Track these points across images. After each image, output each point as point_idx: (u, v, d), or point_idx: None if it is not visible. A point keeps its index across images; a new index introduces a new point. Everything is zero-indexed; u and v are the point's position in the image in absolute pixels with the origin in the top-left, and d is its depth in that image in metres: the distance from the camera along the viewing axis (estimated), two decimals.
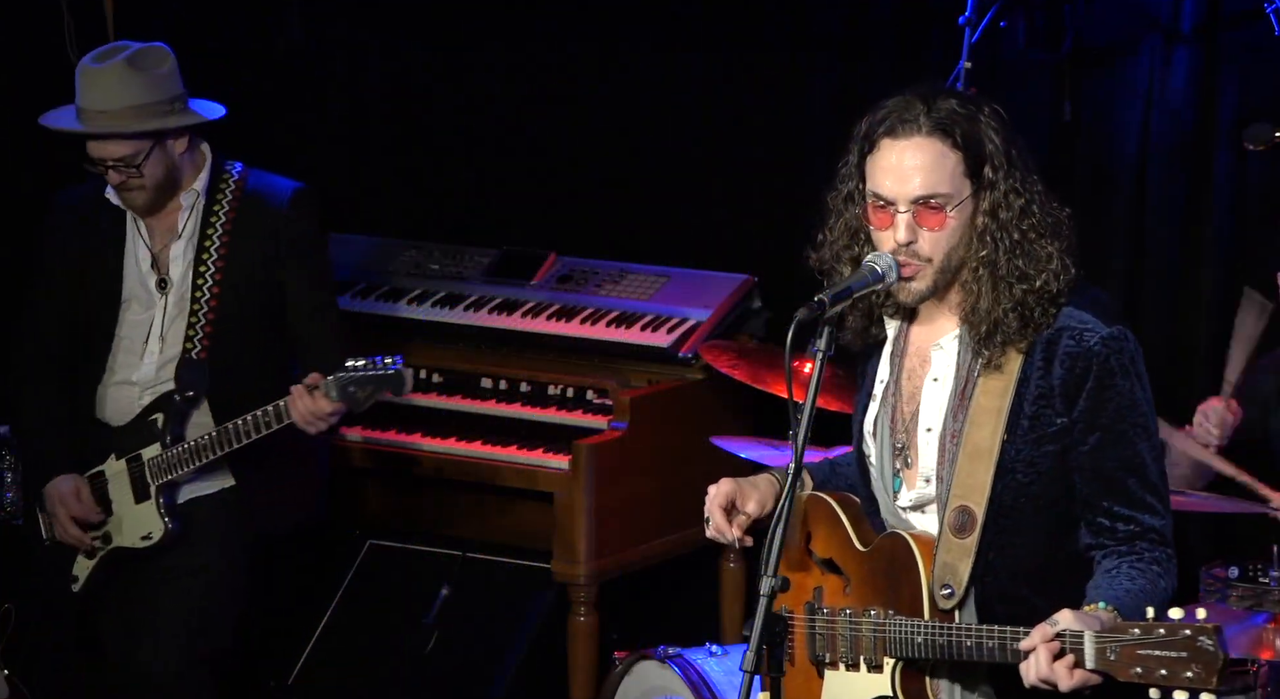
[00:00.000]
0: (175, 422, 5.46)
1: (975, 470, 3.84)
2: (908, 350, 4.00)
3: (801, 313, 3.80)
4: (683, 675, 5.24)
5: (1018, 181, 3.86)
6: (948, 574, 3.85)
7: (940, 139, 3.84)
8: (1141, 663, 3.49)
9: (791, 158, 6.67)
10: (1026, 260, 3.84)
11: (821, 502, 4.10)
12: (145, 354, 5.49)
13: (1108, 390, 3.80)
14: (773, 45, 6.66)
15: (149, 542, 5.48)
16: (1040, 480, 3.84)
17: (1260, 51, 5.83)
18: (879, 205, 3.88)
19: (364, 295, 6.80)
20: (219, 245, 5.50)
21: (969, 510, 3.84)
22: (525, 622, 6.31)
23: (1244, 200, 6.02)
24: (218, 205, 5.53)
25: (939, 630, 3.81)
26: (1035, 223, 3.86)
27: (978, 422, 3.85)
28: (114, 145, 5.40)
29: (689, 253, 6.75)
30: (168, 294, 5.50)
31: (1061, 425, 3.82)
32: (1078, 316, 3.83)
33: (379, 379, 5.23)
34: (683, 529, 6.39)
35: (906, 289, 3.89)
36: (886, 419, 4.01)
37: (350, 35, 7.30)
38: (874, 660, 3.92)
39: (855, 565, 4.01)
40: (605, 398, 6.33)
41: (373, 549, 6.63)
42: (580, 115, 7.01)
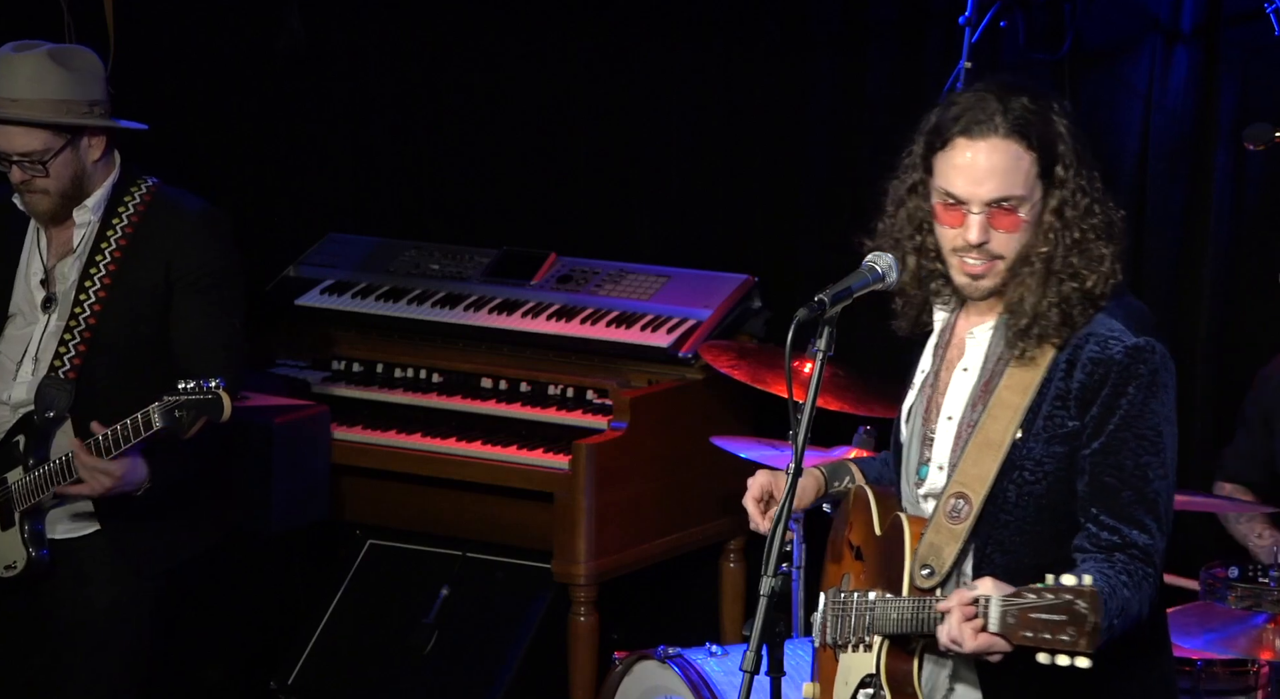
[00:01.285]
0: (38, 443, 5.11)
1: (981, 460, 3.84)
2: (951, 341, 4.01)
3: (801, 313, 3.81)
4: (683, 675, 5.23)
5: (1084, 180, 3.86)
6: (931, 555, 3.85)
7: (1017, 141, 3.82)
8: (1031, 626, 3.53)
9: (791, 158, 6.67)
10: (1081, 259, 3.84)
11: (861, 491, 4.14)
12: (19, 373, 5.18)
13: (1120, 398, 3.79)
14: (773, 45, 6.66)
15: (12, 572, 5.10)
16: (1045, 481, 3.83)
17: (1260, 51, 5.83)
18: (950, 204, 3.86)
19: (364, 295, 6.80)
20: (109, 261, 5.15)
21: (966, 498, 3.84)
22: (525, 622, 6.31)
23: (1244, 200, 6.02)
24: (117, 220, 5.18)
25: (906, 605, 3.83)
26: (1096, 223, 3.86)
27: (995, 414, 3.85)
28: (22, 137, 5.05)
29: (689, 253, 6.76)
30: (51, 313, 5.18)
31: (1072, 428, 3.81)
32: (1107, 324, 3.83)
33: (200, 403, 4.84)
34: (683, 529, 6.39)
35: (976, 287, 3.89)
36: (921, 408, 4.01)
37: (350, 35, 7.30)
38: (867, 640, 3.95)
39: (872, 549, 4.04)
40: (605, 398, 6.33)
41: (373, 549, 6.63)
42: (580, 115, 7.01)
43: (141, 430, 4.91)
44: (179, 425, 4.87)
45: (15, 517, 5.15)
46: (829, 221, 6.60)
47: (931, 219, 3.92)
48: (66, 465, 5.03)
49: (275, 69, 7.23)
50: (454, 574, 6.44)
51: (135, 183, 5.25)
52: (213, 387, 4.85)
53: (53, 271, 5.22)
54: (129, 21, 6.92)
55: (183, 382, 4.87)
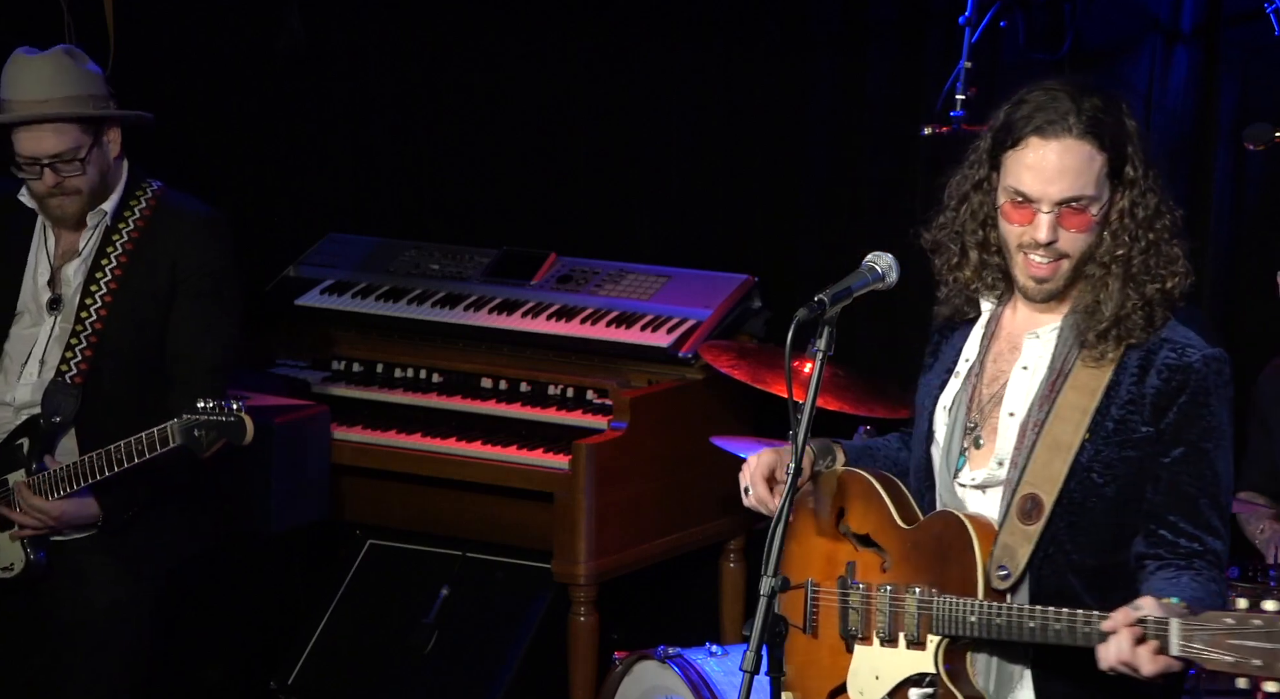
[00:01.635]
0: (42, 447, 5.15)
1: (1052, 461, 3.85)
2: (999, 334, 4.02)
3: (801, 313, 3.81)
4: (683, 675, 5.23)
5: (1152, 180, 3.90)
6: (1006, 556, 3.86)
7: (1091, 142, 3.85)
8: (1234, 651, 3.50)
9: (791, 158, 6.67)
10: (1159, 260, 3.87)
11: (859, 478, 4.12)
12: (23, 374, 5.21)
13: (1200, 408, 3.83)
14: (773, 45, 6.66)
15: (9, 573, 5.17)
16: (1115, 484, 3.85)
17: (1260, 51, 5.83)
18: (1019, 202, 3.88)
19: (364, 295, 6.80)
20: (115, 265, 5.20)
21: (1038, 499, 3.85)
22: (525, 622, 6.31)
23: (1244, 200, 6.02)
24: (123, 224, 5.23)
25: (996, 611, 3.81)
26: (1167, 223, 3.90)
27: (1063, 415, 3.86)
28: (54, 137, 5.10)
29: (689, 253, 6.75)
30: (57, 314, 5.22)
31: (1146, 434, 3.84)
32: (1181, 331, 3.87)
33: (222, 425, 4.87)
34: (683, 529, 6.39)
35: (1040, 289, 3.92)
36: (965, 398, 4.02)
37: (350, 35, 7.30)
38: (915, 637, 3.93)
39: (896, 542, 4.02)
40: (605, 398, 6.33)
41: (373, 549, 6.63)
42: (581, 115, 7.01)
43: (158, 446, 4.95)
44: (198, 445, 4.91)
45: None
46: (829, 221, 6.60)
47: (996, 214, 3.94)
48: (72, 472, 5.05)
49: (275, 69, 7.23)
50: (454, 574, 6.44)
51: (140, 186, 5.28)
52: (234, 408, 4.88)
53: (58, 273, 5.24)
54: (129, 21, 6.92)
55: (201, 400, 4.90)
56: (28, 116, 5.10)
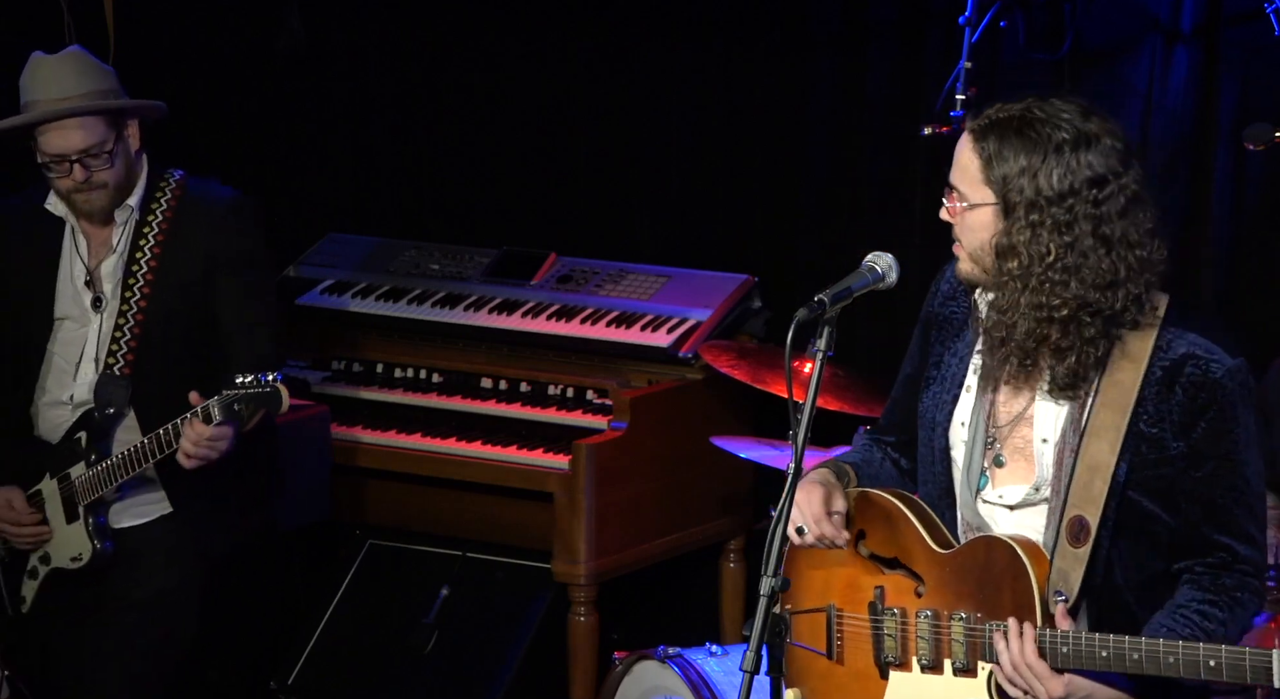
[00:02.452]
0: (98, 439, 5.28)
1: (1092, 483, 3.84)
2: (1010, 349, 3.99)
3: (801, 313, 3.81)
4: (683, 675, 5.23)
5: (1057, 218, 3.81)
6: (1061, 581, 3.84)
7: (974, 142, 3.89)
8: None
9: (791, 158, 6.67)
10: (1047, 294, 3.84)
11: (879, 499, 4.07)
12: (79, 374, 5.33)
13: (1227, 421, 3.82)
14: (773, 45, 6.66)
15: (79, 563, 5.32)
16: (1151, 499, 3.85)
17: (1260, 51, 5.82)
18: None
19: (364, 295, 6.80)
20: (150, 257, 5.31)
21: (1084, 521, 3.84)
22: (525, 622, 6.31)
23: (1244, 200, 6.01)
24: (152, 216, 5.34)
25: (1061, 639, 3.77)
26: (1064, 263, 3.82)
27: (1097, 434, 3.85)
28: (80, 134, 5.18)
29: (689, 253, 6.75)
30: (102, 312, 5.33)
31: (1178, 450, 3.83)
32: (1203, 344, 3.85)
33: (257, 397, 5.00)
34: (683, 529, 6.39)
35: (956, 268, 3.99)
36: (982, 413, 4.00)
37: (350, 35, 7.30)
38: (965, 664, 3.90)
39: (933, 567, 3.97)
40: (605, 398, 6.32)
41: (373, 549, 6.63)
42: (580, 115, 7.01)
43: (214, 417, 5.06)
44: (239, 418, 5.04)
45: (79, 510, 5.32)
46: (829, 221, 6.60)
47: None
48: (132, 458, 5.16)
49: (275, 69, 7.23)
50: (454, 574, 6.44)
51: (163, 177, 5.40)
52: (269, 380, 5.01)
53: (96, 272, 5.35)
54: (129, 21, 6.92)
55: (239, 375, 5.03)
56: (54, 113, 5.19)
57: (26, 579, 5.43)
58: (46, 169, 5.26)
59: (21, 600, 5.44)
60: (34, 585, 5.41)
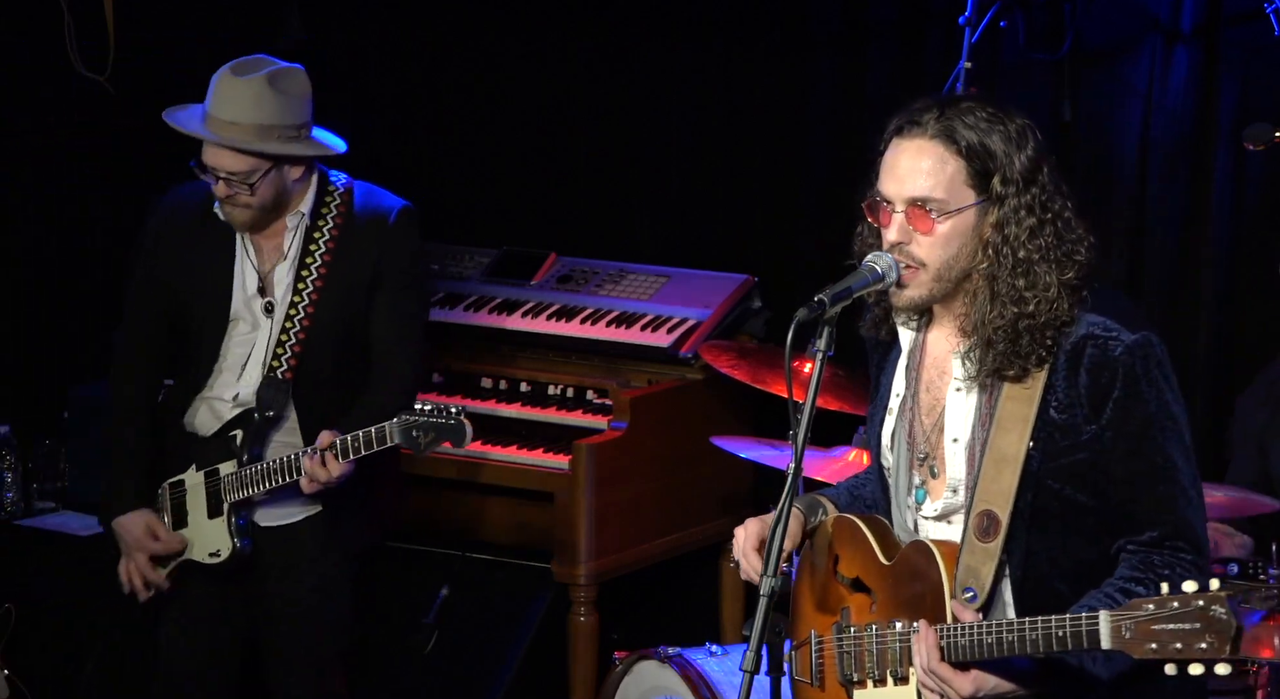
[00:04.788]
0: (253, 440, 5.30)
1: (1000, 476, 3.82)
2: (924, 362, 3.98)
3: (801, 313, 3.80)
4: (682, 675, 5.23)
5: (1035, 201, 3.82)
6: (970, 577, 3.83)
7: (944, 144, 3.82)
8: (1155, 638, 3.47)
9: (791, 158, 6.67)
10: (1027, 281, 3.80)
11: (847, 523, 4.06)
12: (244, 375, 5.34)
13: (1134, 398, 3.78)
14: (773, 45, 6.66)
15: (216, 559, 5.34)
16: (1071, 486, 3.82)
17: (1260, 51, 5.83)
18: (878, 202, 3.88)
19: None
20: (320, 264, 5.33)
21: (993, 515, 3.81)
22: (525, 622, 6.31)
23: (1244, 200, 6.02)
24: (322, 222, 5.36)
25: (960, 631, 3.76)
26: (1044, 246, 3.82)
27: (1004, 427, 3.83)
28: (231, 158, 5.21)
29: (689, 253, 6.75)
30: (274, 317, 5.35)
31: (1091, 433, 3.80)
32: (1101, 323, 3.81)
33: (441, 427, 5.06)
34: (683, 529, 6.39)
35: (900, 295, 3.88)
36: (904, 432, 3.99)
37: (350, 35, 7.30)
38: (901, 672, 3.89)
39: (880, 580, 3.97)
40: (605, 398, 6.33)
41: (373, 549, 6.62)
42: (580, 115, 7.01)
43: (375, 444, 5.12)
44: (416, 445, 5.08)
45: (224, 507, 5.34)
46: (829, 221, 6.59)
47: None
48: (288, 466, 5.20)
49: None
50: (454, 574, 6.44)
51: (330, 182, 5.42)
52: (454, 412, 5.07)
53: (268, 278, 5.37)
54: (129, 21, 6.92)
55: (421, 402, 5.10)
56: (210, 137, 5.21)
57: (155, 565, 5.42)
58: (201, 170, 5.27)
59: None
60: (163, 572, 5.40)
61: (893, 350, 4.06)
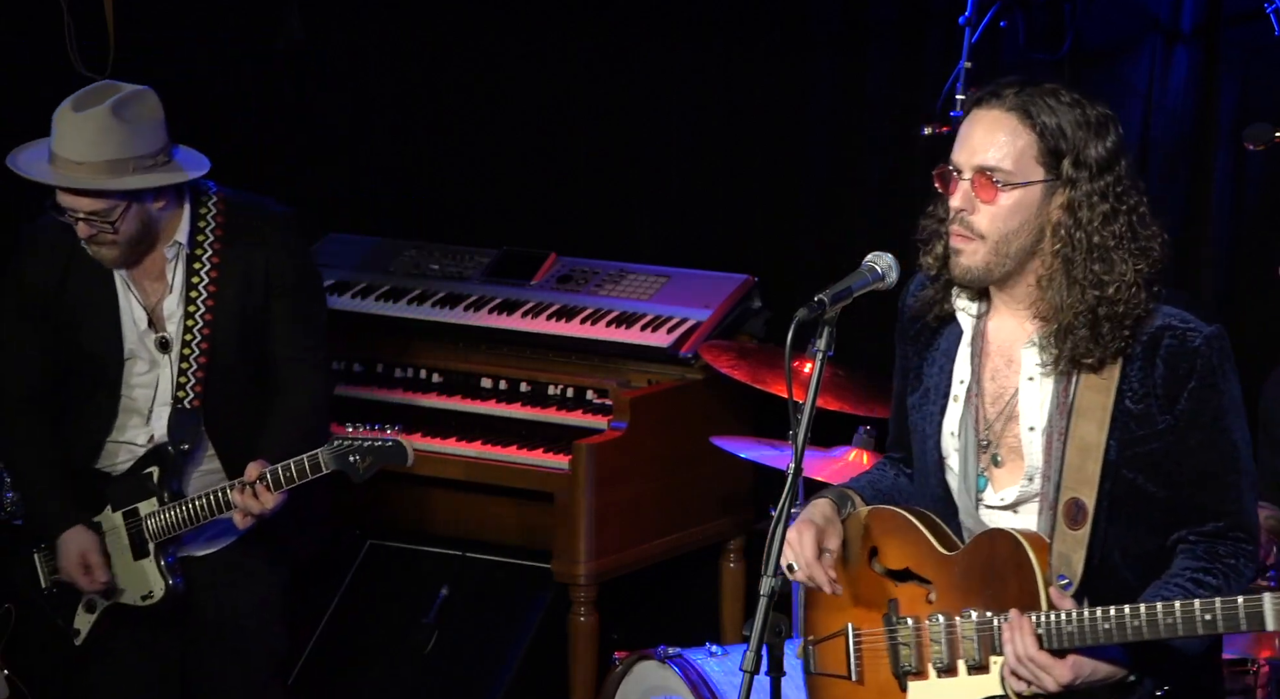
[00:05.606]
0: (171, 477, 5.16)
1: (1084, 465, 3.85)
2: (987, 350, 3.99)
3: (801, 313, 3.81)
4: (683, 675, 5.23)
5: (1108, 189, 3.85)
6: (1063, 565, 3.85)
7: (1019, 118, 3.85)
8: None
9: (791, 158, 6.67)
10: (1103, 266, 3.83)
11: (889, 514, 4.06)
12: (153, 416, 5.19)
13: (1209, 390, 3.83)
14: (773, 45, 6.66)
15: (150, 600, 5.19)
16: (1143, 475, 3.86)
17: (1260, 51, 5.83)
18: (948, 170, 3.91)
19: (364, 295, 6.80)
20: (207, 282, 5.14)
21: (1080, 503, 3.85)
22: (525, 622, 6.31)
23: (1244, 200, 6.02)
24: (200, 250, 5.15)
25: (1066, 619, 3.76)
26: (1118, 233, 3.85)
27: (1085, 416, 3.86)
28: (86, 200, 4.96)
29: (689, 253, 6.75)
30: (170, 354, 5.17)
31: (1166, 423, 3.84)
32: (1178, 315, 3.85)
33: (380, 451, 4.93)
34: (683, 529, 6.39)
35: (956, 263, 3.90)
36: (970, 420, 4.00)
37: (350, 35, 7.30)
38: (978, 661, 3.89)
39: (941, 571, 3.97)
40: (605, 398, 6.33)
41: (373, 549, 6.63)
42: (580, 115, 7.01)
43: (309, 473, 5.00)
44: (354, 470, 4.96)
45: (150, 548, 5.19)
46: (829, 221, 6.60)
47: None
48: (216, 502, 5.06)
49: (275, 69, 7.23)
50: (454, 574, 6.44)
51: (202, 202, 5.19)
52: (391, 434, 4.95)
53: (156, 312, 5.18)
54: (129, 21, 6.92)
55: (351, 425, 4.96)
56: (61, 183, 4.98)
57: (81, 612, 5.28)
58: (59, 212, 5.06)
59: (76, 632, 5.29)
60: (90, 619, 5.26)
61: (938, 340, 4.07)
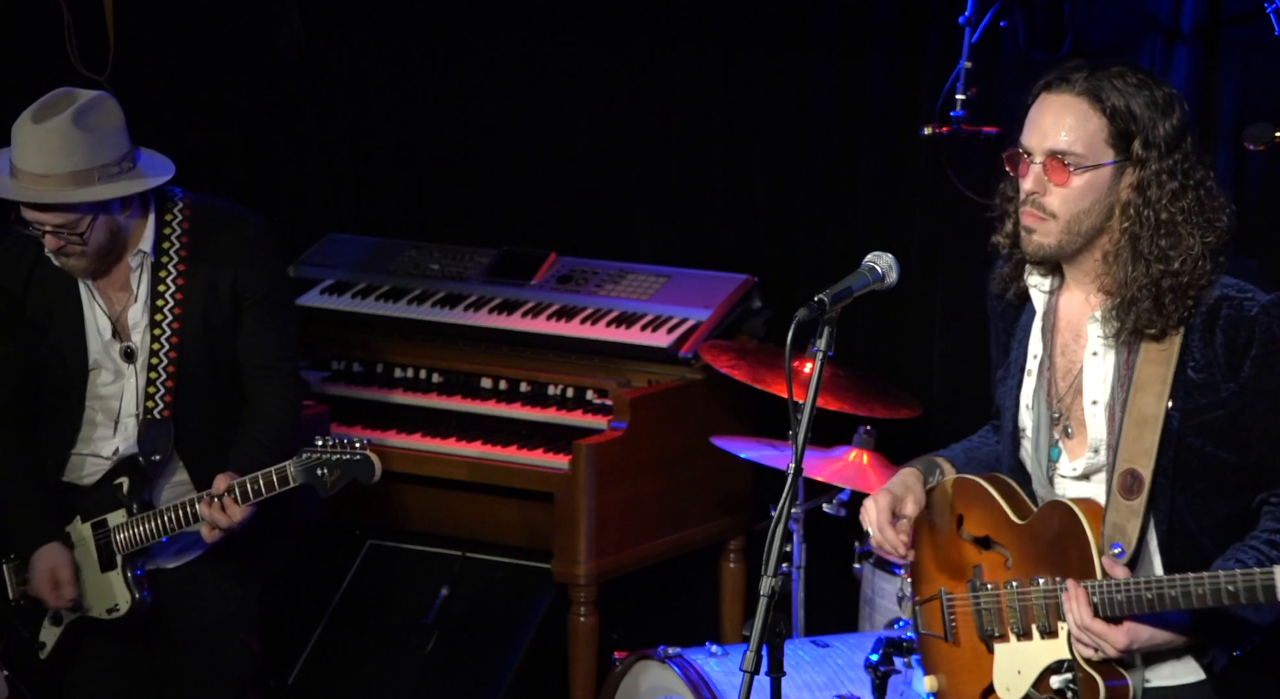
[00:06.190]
0: (141, 488, 5.09)
1: (1142, 436, 3.89)
2: (1058, 325, 4.05)
3: (801, 313, 3.83)
4: (683, 675, 5.23)
5: (1177, 166, 3.89)
6: (1117, 534, 3.90)
7: (1089, 102, 3.89)
8: None
9: (791, 158, 6.67)
10: (1170, 241, 3.88)
11: (970, 483, 4.16)
12: (118, 428, 5.12)
13: (1272, 356, 3.86)
14: (773, 45, 6.66)
15: (115, 614, 5.11)
16: (1212, 443, 3.89)
17: (1260, 51, 5.82)
18: (1019, 153, 3.96)
19: (364, 295, 6.80)
20: (174, 290, 5.06)
21: (1136, 474, 3.89)
22: (525, 622, 6.31)
23: (1244, 200, 6.01)
24: (166, 257, 5.07)
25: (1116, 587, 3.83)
26: (1186, 209, 3.90)
27: (1143, 387, 3.90)
28: (54, 214, 4.87)
29: (689, 253, 6.75)
30: (135, 363, 5.08)
31: (1231, 391, 3.87)
32: (1235, 285, 3.89)
33: (347, 464, 4.88)
34: (683, 529, 6.39)
35: (1029, 240, 3.95)
36: (1043, 393, 4.06)
37: (350, 35, 7.30)
38: (1048, 627, 3.97)
39: (1015, 539, 4.06)
40: (605, 398, 6.33)
41: (373, 549, 6.63)
42: (580, 115, 7.01)
43: (276, 486, 4.94)
44: (321, 484, 4.91)
45: (118, 560, 5.13)
46: (829, 221, 6.60)
47: None
48: (184, 514, 5.01)
49: (275, 69, 7.23)
50: (454, 574, 6.44)
51: (167, 208, 5.12)
52: (359, 446, 4.89)
53: (120, 321, 5.12)
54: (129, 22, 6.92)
55: (320, 437, 4.90)
56: (25, 198, 4.90)
57: (48, 624, 5.21)
58: (24, 226, 4.98)
59: (41, 645, 5.22)
60: (56, 631, 5.20)
61: (1021, 316, 4.13)
